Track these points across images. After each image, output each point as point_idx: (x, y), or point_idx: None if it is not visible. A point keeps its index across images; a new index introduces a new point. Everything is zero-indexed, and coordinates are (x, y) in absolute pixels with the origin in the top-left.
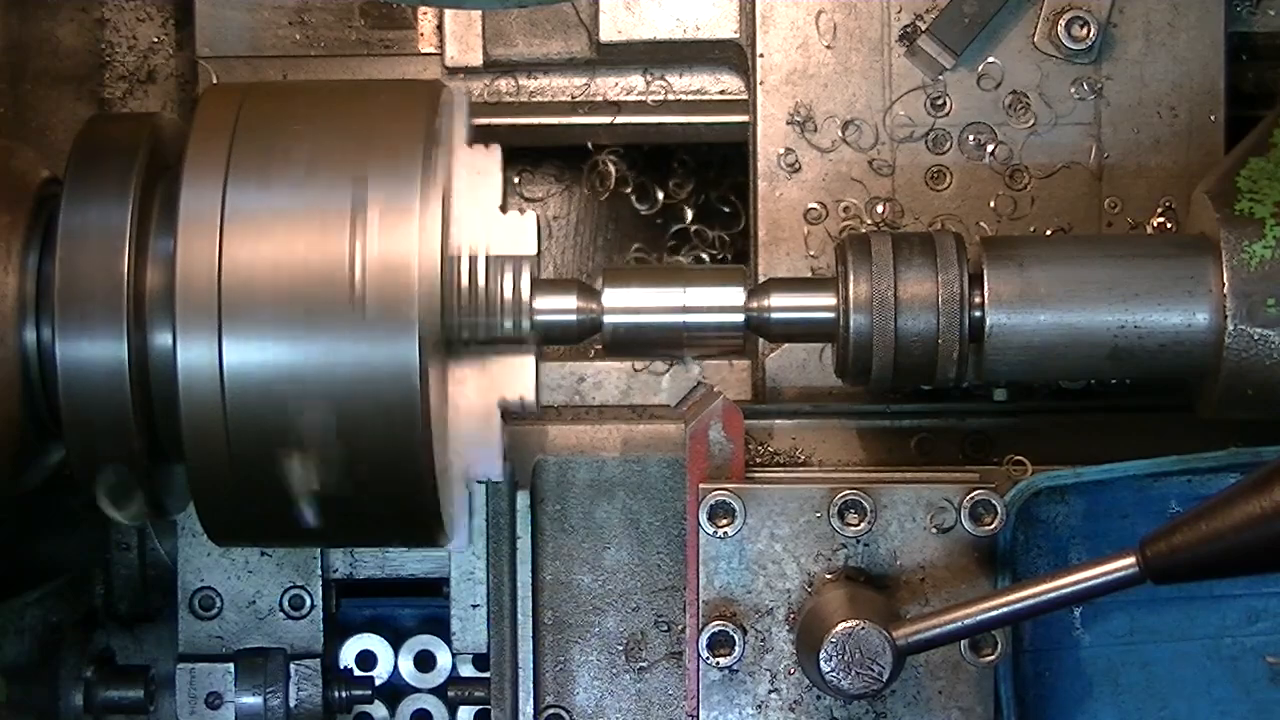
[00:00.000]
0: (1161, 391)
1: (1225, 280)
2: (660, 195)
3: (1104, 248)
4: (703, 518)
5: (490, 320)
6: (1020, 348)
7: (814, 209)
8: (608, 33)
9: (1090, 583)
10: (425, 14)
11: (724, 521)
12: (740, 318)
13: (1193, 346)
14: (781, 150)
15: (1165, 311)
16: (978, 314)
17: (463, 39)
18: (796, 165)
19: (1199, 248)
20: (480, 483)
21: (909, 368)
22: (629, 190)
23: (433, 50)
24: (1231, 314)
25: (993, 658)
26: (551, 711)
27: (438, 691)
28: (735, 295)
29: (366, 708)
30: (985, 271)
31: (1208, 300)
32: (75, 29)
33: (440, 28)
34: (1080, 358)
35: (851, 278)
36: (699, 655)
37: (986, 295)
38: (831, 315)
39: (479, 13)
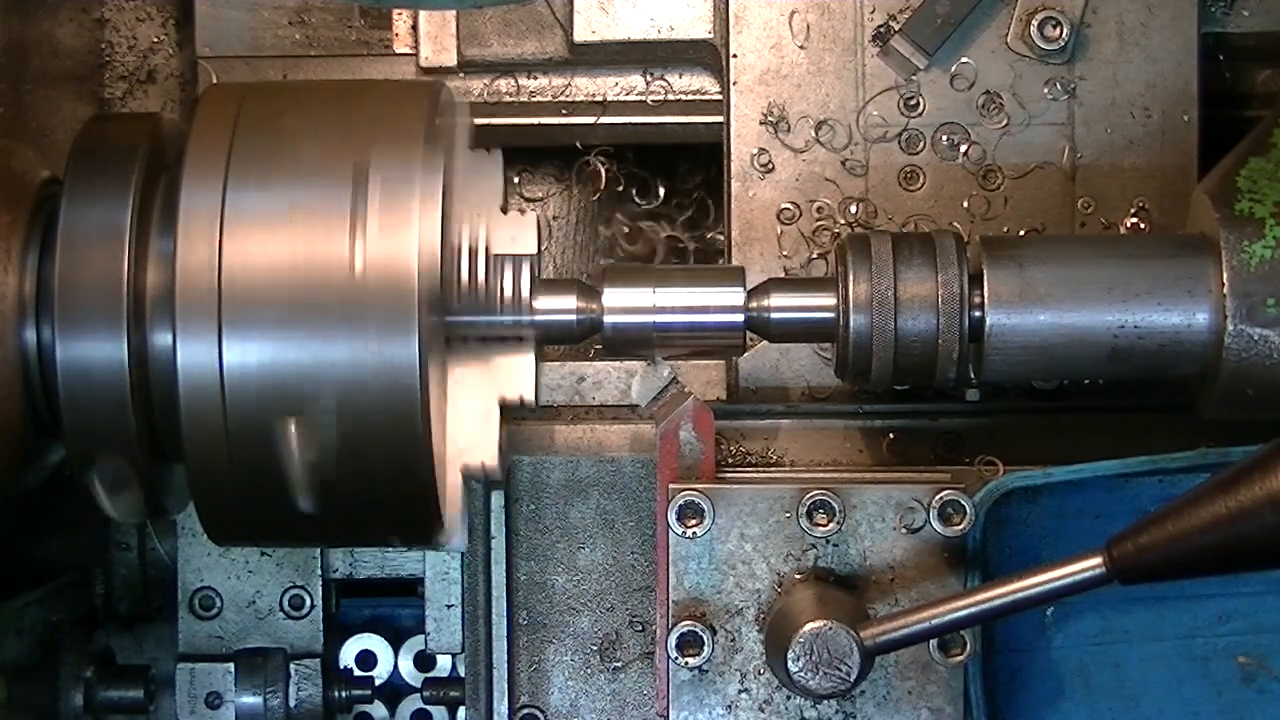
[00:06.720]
0: (1137, 392)
1: (1225, 280)
2: (661, 191)
3: (1104, 248)
4: (672, 518)
5: (490, 320)
6: (1020, 348)
7: (787, 209)
8: (582, 33)
9: (1057, 583)
10: (400, 15)
11: (693, 522)
12: (740, 317)
13: (1193, 346)
14: (755, 150)
15: (1165, 311)
16: (977, 314)
17: (437, 39)
18: (770, 165)
19: (1199, 248)
20: (478, 481)
21: (909, 368)
22: (620, 188)
23: (408, 50)
24: (1231, 314)
25: (961, 658)
26: (526, 711)
27: None
28: (735, 295)
29: (366, 708)
30: (985, 271)
31: (1208, 300)
32: (75, 29)
33: (415, 28)
34: (1080, 358)
35: (851, 277)
36: (668, 655)
37: (986, 295)
38: (831, 315)
39: (453, 13)
